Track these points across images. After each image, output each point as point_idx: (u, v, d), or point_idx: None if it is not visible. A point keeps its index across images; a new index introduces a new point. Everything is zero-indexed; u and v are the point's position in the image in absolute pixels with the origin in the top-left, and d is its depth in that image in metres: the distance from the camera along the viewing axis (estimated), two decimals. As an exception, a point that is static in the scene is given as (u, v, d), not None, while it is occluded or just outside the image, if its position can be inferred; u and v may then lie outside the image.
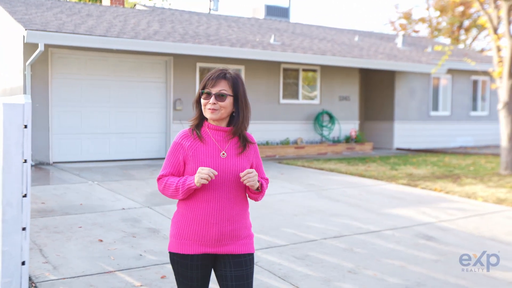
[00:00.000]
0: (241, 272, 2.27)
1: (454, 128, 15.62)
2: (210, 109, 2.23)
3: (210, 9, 17.68)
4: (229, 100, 2.24)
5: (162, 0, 26.65)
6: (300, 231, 5.30)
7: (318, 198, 7.08)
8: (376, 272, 4.16)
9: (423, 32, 30.23)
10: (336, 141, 13.45)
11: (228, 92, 2.23)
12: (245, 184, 2.19)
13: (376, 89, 15.13)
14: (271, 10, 17.50)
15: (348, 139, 13.57)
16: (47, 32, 9.04)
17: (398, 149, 14.49)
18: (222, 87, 2.23)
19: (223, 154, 2.24)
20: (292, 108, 12.80)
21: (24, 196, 2.54)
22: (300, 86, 13.08)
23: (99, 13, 12.18)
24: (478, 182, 8.64)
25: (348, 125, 13.83)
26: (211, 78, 2.24)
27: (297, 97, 13.06)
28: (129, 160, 10.71)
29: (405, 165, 10.81)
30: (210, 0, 17.57)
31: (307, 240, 4.99)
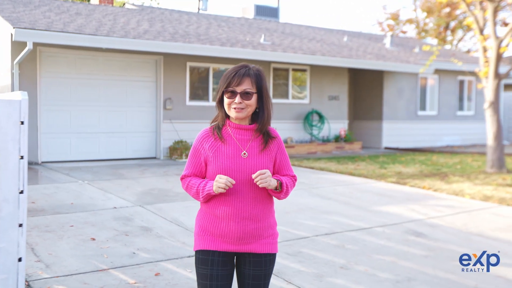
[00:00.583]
0: (260, 272, 2.25)
1: (441, 128, 15.81)
2: (236, 109, 2.17)
3: (199, 9, 17.69)
4: (254, 97, 2.18)
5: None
6: (292, 228, 5.35)
7: (309, 196, 7.14)
8: (368, 268, 4.23)
9: (410, 33, 30.54)
10: (325, 141, 13.54)
11: (252, 90, 2.18)
12: (258, 185, 2.13)
13: (365, 89, 15.26)
14: (260, 10, 17.54)
15: (337, 138, 13.67)
16: (35, 31, 8.97)
17: (386, 148, 14.63)
18: (246, 85, 2.17)
19: (244, 154, 2.19)
20: (282, 107, 12.86)
21: (21, 192, 2.54)
22: (290, 86, 13.15)
23: (88, 11, 12.11)
24: (465, 180, 8.77)
25: (337, 124, 13.93)
26: (235, 76, 2.17)
27: (287, 97, 13.12)
28: (119, 159, 10.67)
29: (393, 163, 10.93)
30: (199, 0, 17.56)
31: (299, 237, 5.04)
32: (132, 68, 10.89)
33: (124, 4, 16.75)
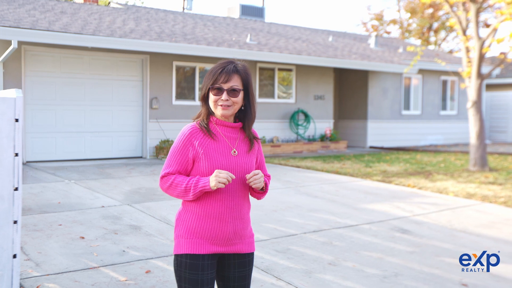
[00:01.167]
0: (244, 272, 2.24)
1: (425, 127, 16.06)
2: (222, 106, 2.12)
3: (184, 8, 17.64)
4: (241, 95, 2.14)
5: (136, -2, 26.36)
6: (280, 226, 5.41)
7: (296, 194, 7.22)
8: (355, 264, 4.31)
9: (394, 33, 30.90)
10: (311, 140, 13.65)
11: (240, 87, 2.14)
12: (251, 185, 2.12)
13: (350, 89, 15.41)
14: (246, 10, 17.58)
15: (323, 138, 13.79)
16: (20, 29, 8.88)
17: (371, 147, 14.80)
18: (234, 82, 2.12)
19: (234, 152, 2.16)
20: (268, 107, 12.92)
21: (16, 189, 2.55)
22: (276, 86, 13.22)
23: (73, 10, 12.02)
24: (449, 178, 8.94)
25: (323, 123, 14.05)
26: (223, 73, 2.11)
27: (273, 96, 13.19)
28: (105, 159, 10.62)
29: (379, 162, 11.07)
30: (184, -1, 17.52)
31: (288, 235, 5.10)
32: (118, 67, 10.84)
33: (109, 3, 16.64)
